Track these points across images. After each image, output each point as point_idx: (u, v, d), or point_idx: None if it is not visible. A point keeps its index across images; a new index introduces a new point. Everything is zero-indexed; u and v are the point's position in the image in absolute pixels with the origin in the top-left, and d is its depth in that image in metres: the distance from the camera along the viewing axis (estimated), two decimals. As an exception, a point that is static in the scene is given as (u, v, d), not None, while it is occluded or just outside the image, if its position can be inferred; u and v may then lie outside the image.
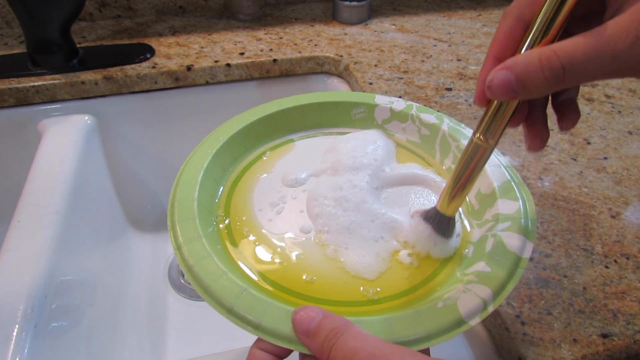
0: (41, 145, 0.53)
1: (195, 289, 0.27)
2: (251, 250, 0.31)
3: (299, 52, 0.66)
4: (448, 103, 0.57)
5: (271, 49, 0.66)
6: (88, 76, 0.59)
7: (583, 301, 0.36)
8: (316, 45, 0.68)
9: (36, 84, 0.57)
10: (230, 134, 0.37)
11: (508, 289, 0.27)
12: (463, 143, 0.37)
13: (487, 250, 0.29)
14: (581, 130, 0.54)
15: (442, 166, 0.38)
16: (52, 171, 0.50)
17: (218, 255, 0.28)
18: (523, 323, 0.34)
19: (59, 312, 0.40)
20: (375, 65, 0.64)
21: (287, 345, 0.25)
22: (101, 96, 0.61)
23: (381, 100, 0.41)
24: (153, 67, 0.61)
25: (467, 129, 0.38)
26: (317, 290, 0.29)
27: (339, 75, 0.67)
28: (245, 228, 0.32)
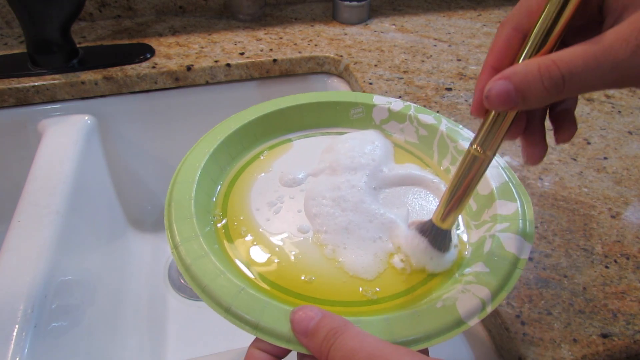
0: (41, 145, 0.53)
1: (192, 289, 0.27)
2: (249, 249, 0.31)
3: (299, 52, 0.66)
4: (448, 103, 0.57)
5: (271, 49, 0.66)
6: (88, 76, 0.59)
7: (583, 301, 0.36)
8: (316, 45, 0.68)
9: (36, 84, 0.57)
10: (227, 133, 0.37)
11: (507, 290, 0.27)
12: (461, 144, 0.37)
13: (486, 250, 0.29)
14: (581, 130, 0.54)
15: (440, 167, 0.38)
16: (52, 171, 0.50)
17: (215, 254, 0.28)
18: (523, 323, 0.34)
19: (59, 312, 0.40)
20: (375, 65, 0.64)
21: (286, 345, 0.24)
22: (101, 96, 0.61)
23: (379, 100, 0.41)
24: (153, 67, 0.61)
25: (465, 130, 0.38)
26: (316, 290, 0.29)
27: (339, 75, 0.67)
28: (242, 228, 0.32)
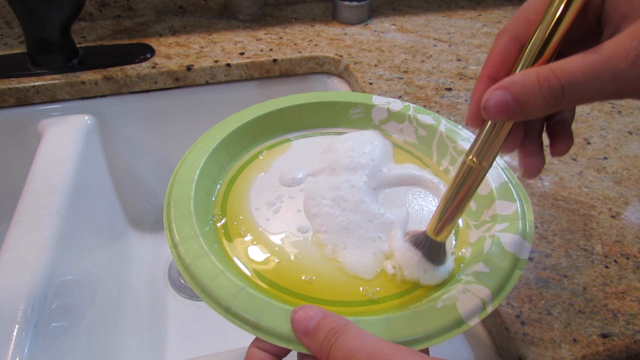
0: (41, 145, 0.53)
1: (192, 288, 0.27)
2: (248, 249, 0.31)
3: (299, 52, 0.66)
4: (448, 103, 0.57)
5: (271, 49, 0.66)
6: (88, 76, 0.59)
7: (583, 301, 0.36)
8: (316, 45, 0.68)
9: (36, 84, 0.57)
10: (226, 133, 0.37)
11: (507, 290, 0.27)
12: (460, 144, 0.37)
13: (486, 251, 0.29)
14: (581, 130, 0.54)
15: (439, 167, 0.38)
16: (52, 171, 0.50)
17: (215, 254, 0.28)
18: (523, 323, 0.34)
19: (59, 312, 0.40)
20: (375, 65, 0.64)
21: (286, 345, 0.24)
22: (101, 96, 0.61)
23: (378, 100, 0.41)
24: (153, 67, 0.61)
25: (465, 131, 0.38)
26: (316, 290, 0.29)
27: (339, 75, 0.67)
28: (242, 227, 0.32)
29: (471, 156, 0.26)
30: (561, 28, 0.22)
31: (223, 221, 0.32)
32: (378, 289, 0.29)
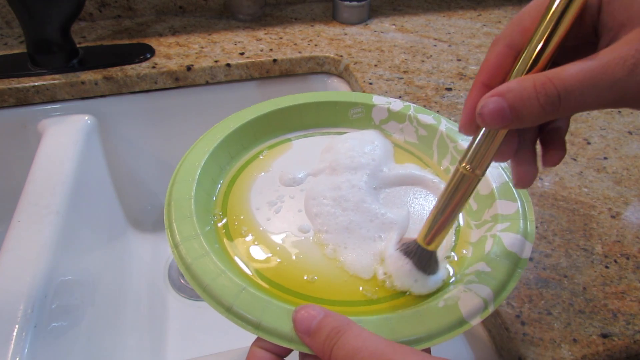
0: (41, 145, 0.53)
1: (193, 288, 0.27)
2: (250, 249, 0.31)
3: (299, 52, 0.66)
4: (448, 103, 0.57)
5: (271, 49, 0.66)
6: (88, 76, 0.59)
7: (583, 301, 0.36)
8: (316, 45, 0.68)
9: (36, 84, 0.57)
10: (227, 133, 0.37)
11: (508, 289, 0.27)
12: (461, 144, 0.37)
13: (487, 250, 0.29)
14: (581, 130, 0.54)
15: (440, 167, 0.38)
16: (52, 171, 0.50)
17: (216, 253, 0.28)
18: (523, 323, 0.34)
19: (59, 312, 0.40)
20: (375, 65, 0.64)
21: (288, 344, 0.24)
22: (101, 96, 0.61)
23: (379, 100, 0.41)
24: (153, 67, 0.61)
25: None
26: (317, 289, 0.29)
27: (339, 75, 0.67)
28: (243, 227, 0.32)
29: (464, 164, 0.25)
30: (557, 37, 0.22)
31: (224, 221, 0.32)
32: (378, 289, 0.29)
